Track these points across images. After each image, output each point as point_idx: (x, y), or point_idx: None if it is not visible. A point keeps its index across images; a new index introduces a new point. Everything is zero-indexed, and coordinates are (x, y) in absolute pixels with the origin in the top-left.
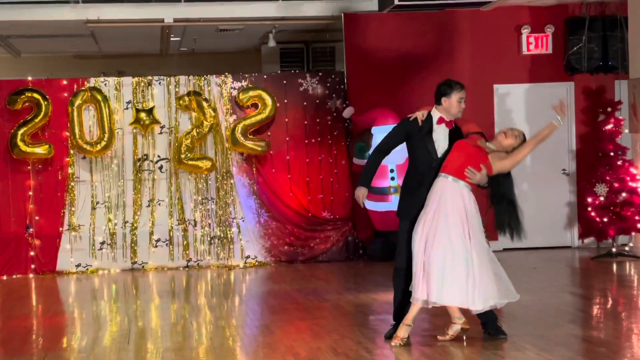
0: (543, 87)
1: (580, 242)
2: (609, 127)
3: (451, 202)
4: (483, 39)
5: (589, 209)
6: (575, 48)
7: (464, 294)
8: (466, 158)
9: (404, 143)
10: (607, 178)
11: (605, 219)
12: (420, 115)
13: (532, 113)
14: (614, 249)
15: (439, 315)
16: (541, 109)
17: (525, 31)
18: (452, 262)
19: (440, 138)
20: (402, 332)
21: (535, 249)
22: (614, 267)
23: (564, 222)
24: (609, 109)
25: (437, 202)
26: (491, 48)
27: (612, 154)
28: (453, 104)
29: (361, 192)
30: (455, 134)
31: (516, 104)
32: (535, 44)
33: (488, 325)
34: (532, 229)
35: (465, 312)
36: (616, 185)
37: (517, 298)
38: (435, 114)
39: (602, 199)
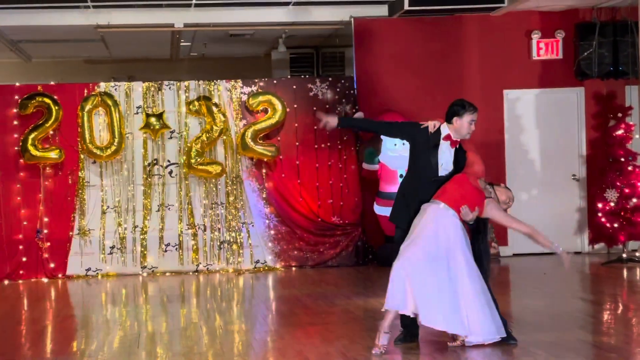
0: (553, 92)
1: (591, 248)
2: (620, 132)
3: (444, 231)
4: (493, 44)
5: (600, 214)
6: (585, 53)
7: (453, 320)
8: (464, 195)
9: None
10: (618, 184)
11: (615, 225)
12: (432, 125)
13: (542, 118)
14: (624, 255)
15: None
16: (551, 115)
17: (535, 36)
18: (443, 287)
19: (445, 155)
20: (381, 339)
21: (546, 255)
22: (625, 272)
23: (574, 227)
24: (620, 115)
25: (432, 228)
26: (501, 53)
27: (622, 159)
28: (464, 125)
29: (330, 120)
30: (458, 155)
31: (526, 109)
32: (545, 49)
33: None
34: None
35: None
36: (627, 190)
37: (504, 335)
38: (444, 130)
39: (612, 204)
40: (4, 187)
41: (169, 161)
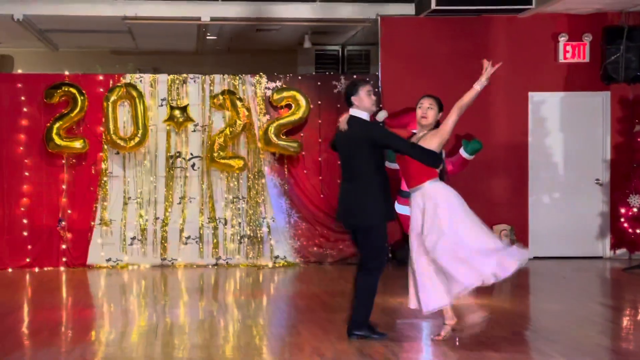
0: (579, 96)
1: (612, 253)
2: None
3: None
4: (519, 46)
5: (622, 219)
6: (612, 57)
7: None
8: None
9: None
10: None
11: (638, 231)
12: (342, 122)
13: (566, 122)
14: None
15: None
16: (576, 118)
17: (562, 39)
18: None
19: None
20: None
21: (566, 259)
22: None
23: (596, 232)
24: None
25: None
26: (527, 55)
27: None
28: (363, 98)
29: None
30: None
31: (551, 112)
32: (572, 52)
33: None
34: (563, 238)
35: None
36: None
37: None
38: (363, 114)
39: (635, 210)
40: (28, 176)
41: (191, 154)
